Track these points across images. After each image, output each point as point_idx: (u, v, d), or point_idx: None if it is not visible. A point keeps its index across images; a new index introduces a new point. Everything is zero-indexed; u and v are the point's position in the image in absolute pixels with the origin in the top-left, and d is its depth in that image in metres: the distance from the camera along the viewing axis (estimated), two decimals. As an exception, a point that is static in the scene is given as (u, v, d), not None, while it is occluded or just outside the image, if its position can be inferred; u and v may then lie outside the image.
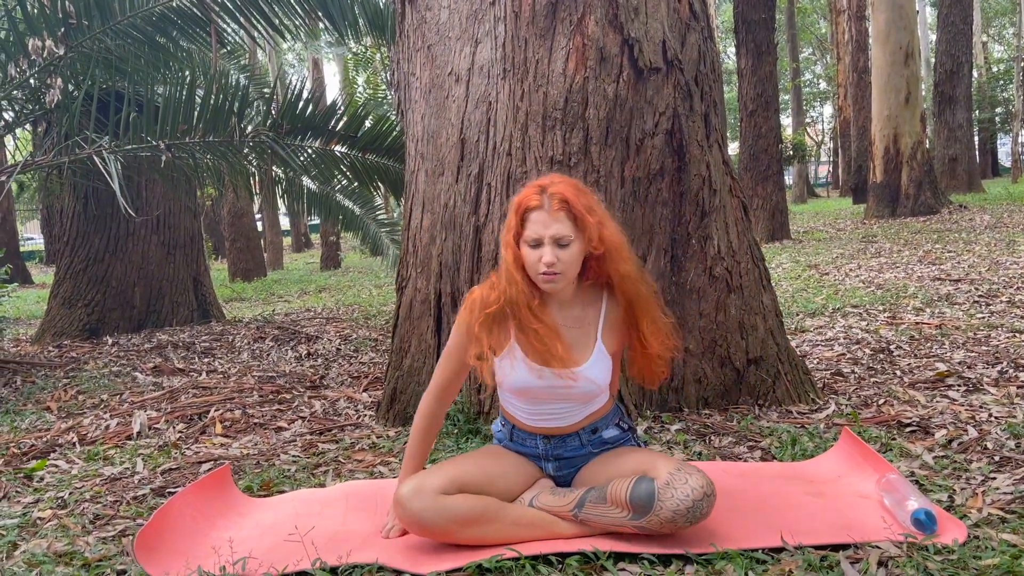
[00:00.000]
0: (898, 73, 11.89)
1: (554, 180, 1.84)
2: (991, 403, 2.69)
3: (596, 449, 1.96)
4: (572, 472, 1.97)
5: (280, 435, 3.03)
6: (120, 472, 2.66)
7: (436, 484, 1.77)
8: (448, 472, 1.82)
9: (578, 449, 1.95)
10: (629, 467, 1.82)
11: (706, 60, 2.89)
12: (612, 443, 1.96)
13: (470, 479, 1.82)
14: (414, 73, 3.05)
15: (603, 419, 1.96)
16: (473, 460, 1.94)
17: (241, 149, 4.78)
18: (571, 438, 1.95)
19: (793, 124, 27.35)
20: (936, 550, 1.63)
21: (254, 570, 1.74)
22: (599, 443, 1.96)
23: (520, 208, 1.82)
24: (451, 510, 1.74)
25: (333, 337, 5.44)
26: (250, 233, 13.55)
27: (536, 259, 1.80)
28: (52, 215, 6.49)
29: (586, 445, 1.95)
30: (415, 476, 1.83)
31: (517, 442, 2.00)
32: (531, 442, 1.97)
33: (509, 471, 1.93)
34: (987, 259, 6.48)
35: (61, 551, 1.96)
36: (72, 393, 4.01)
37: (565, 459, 1.96)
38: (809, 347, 3.88)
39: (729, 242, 2.88)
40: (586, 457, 1.96)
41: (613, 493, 1.75)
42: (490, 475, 1.88)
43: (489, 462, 1.93)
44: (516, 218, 1.83)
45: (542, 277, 1.81)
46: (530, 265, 1.82)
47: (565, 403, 1.90)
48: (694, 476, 1.69)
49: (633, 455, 1.88)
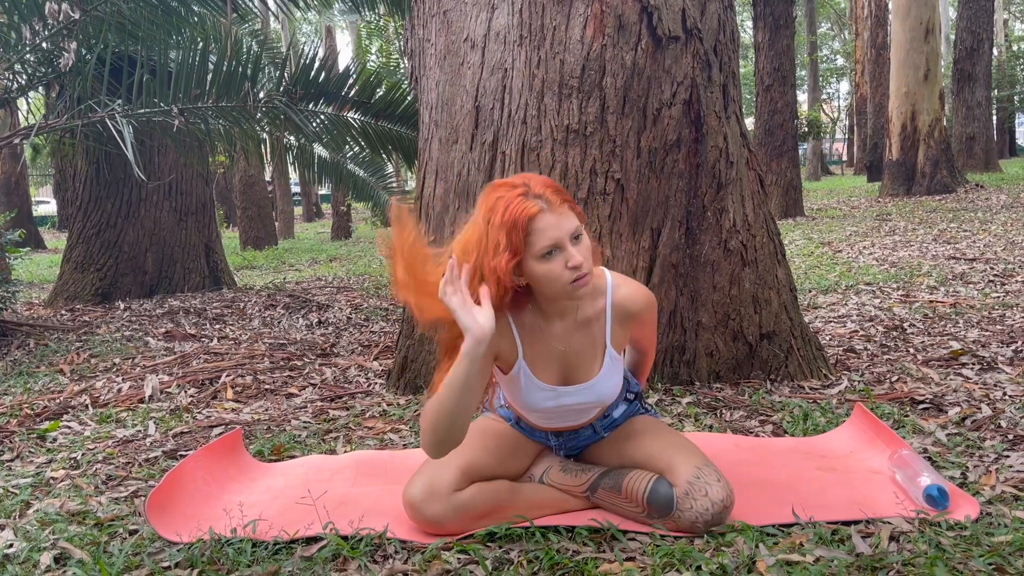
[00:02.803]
0: (917, 49, 11.72)
1: (527, 180, 1.58)
2: (1005, 382, 2.67)
3: (606, 431, 1.90)
4: (581, 449, 1.93)
5: (291, 401, 3.04)
6: (132, 434, 2.68)
7: (448, 482, 1.69)
8: (457, 464, 1.71)
9: (591, 438, 1.90)
10: (642, 454, 1.76)
11: (726, 30, 2.84)
12: (621, 420, 1.90)
13: (481, 466, 1.76)
14: (429, 39, 3.01)
15: (613, 403, 1.90)
16: (480, 443, 1.81)
17: (254, 114, 4.75)
18: (584, 431, 1.89)
19: (809, 100, 27.05)
20: (948, 526, 1.62)
21: (265, 532, 1.75)
22: (610, 424, 1.89)
23: (519, 223, 1.52)
24: (467, 507, 1.68)
25: (344, 306, 5.45)
26: (261, 202, 13.54)
27: (560, 268, 1.56)
28: (65, 179, 6.48)
29: (599, 432, 1.89)
30: (424, 474, 1.72)
31: (525, 430, 1.92)
32: (541, 435, 1.92)
33: (517, 449, 1.88)
34: (1003, 239, 6.42)
35: (74, 510, 1.98)
36: (85, 356, 4.03)
37: (577, 448, 1.93)
38: (822, 323, 3.85)
39: (745, 215, 2.85)
40: (596, 439, 1.92)
41: (629, 489, 1.70)
42: (500, 456, 1.81)
43: (497, 443, 1.84)
44: (517, 237, 1.53)
45: (574, 285, 1.57)
46: (552, 279, 1.57)
47: (579, 411, 1.83)
48: (714, 488, 1.63)
49: (646, 440, 1.80)
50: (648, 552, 1.58)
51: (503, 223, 1.53)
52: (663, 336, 2.76)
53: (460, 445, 1.67)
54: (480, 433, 1.84)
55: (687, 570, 1.49)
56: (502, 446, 1.85)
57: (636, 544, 1.63)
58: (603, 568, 1.52)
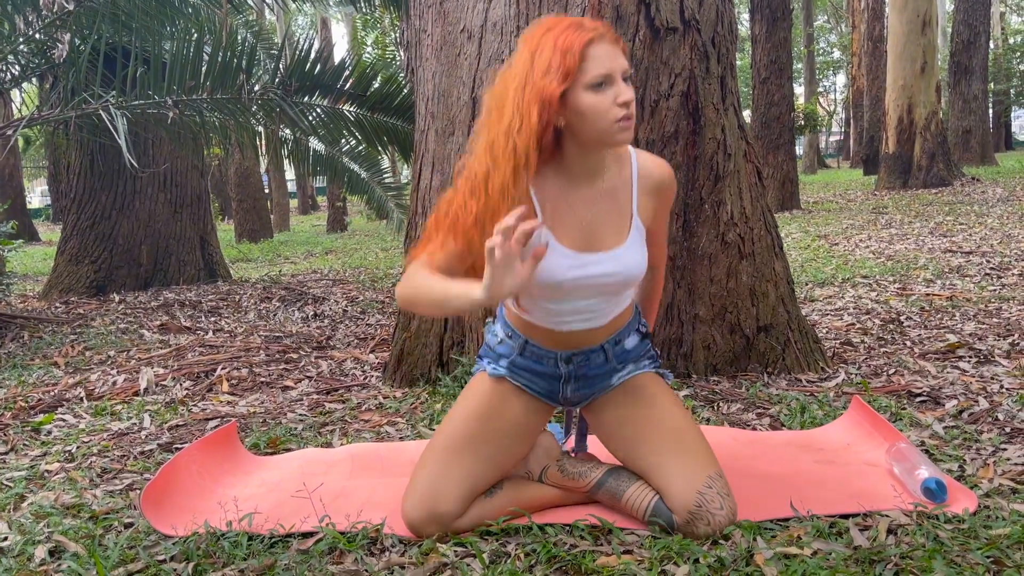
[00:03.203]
0: (914, 42, 11.72)
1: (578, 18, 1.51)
2: (1002, 375, 2.67)
3: (619, 364, 1.75)
4: (590, 395, 1.78)
5: (287, 394, 3.03)
6: (127, 427, 2.66)
7: (449, 511, 1.62)
8: (458, 494, 1.63)
9: (602, 366, 1.74)
10: (644, 459, 1.66)
11: (724, 21, 2.83)
12: (634, 354, 1.77)
13: (483, 482, 1.68)
14: (425, 30, 2.99)
15: (626, 326, 1.76)
16: (476, 456, 1.68)
17: (249, 107, 4.73)
18: (595, 354, 1.73)
19: (805, 93, 27.04)
20: (946, 519, 1.62)
21: (260, 525, 1.74)
22: (622, 355, 1.75)
23: (575, 46, 1.43)
24: (469, 527, 1.65)
25: (340, 299, 5.44)
26: (257, 194, 13.51)
27: (609, 103, 1.47)
28: (59, 171, 6.46)
29: (611, 360, 1.74)
30: (423, 495, 1.63)
31: (529, 359, 1.74)
32: (549, 361, 1.73)
33: (515, 445, 1.74)
34: (999, 232, 6.42)
35: (69, 503, 1.97)
36: (79, 349, 4.02)
37: (587, 378, 1.76)
38: (819, 316, 3.85)
39: (742, 207, 2.84)
40: (607, 375, 1.76)
41: (629, 504, 1.66)
42: (498, 462, 1.71)
43: (494, 449, 1.70)
44: (571, 60, 1.43)
45: (621, 124, 1.49)
46: (600, 113, 1.47)
47: (598, 298, 1.65)
48: (717, 516, 1.56)
49: (651, 438, 1.68)
50: (646, 545, 1.58)
51: (556, 47, 1.44)
52: (660, 329, 2.75)
53: (455, 457, 1.66)
54: (473, 446, 1.69)
55: (685, 563, 1.48)
56: (501, 448, 1.72)
57: (634, 538, 1.62)
58: (600, 561, 1.51)
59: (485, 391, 1.77)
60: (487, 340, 1.84)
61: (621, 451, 1.75)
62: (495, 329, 1.82)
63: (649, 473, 1.67)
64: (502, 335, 1.79)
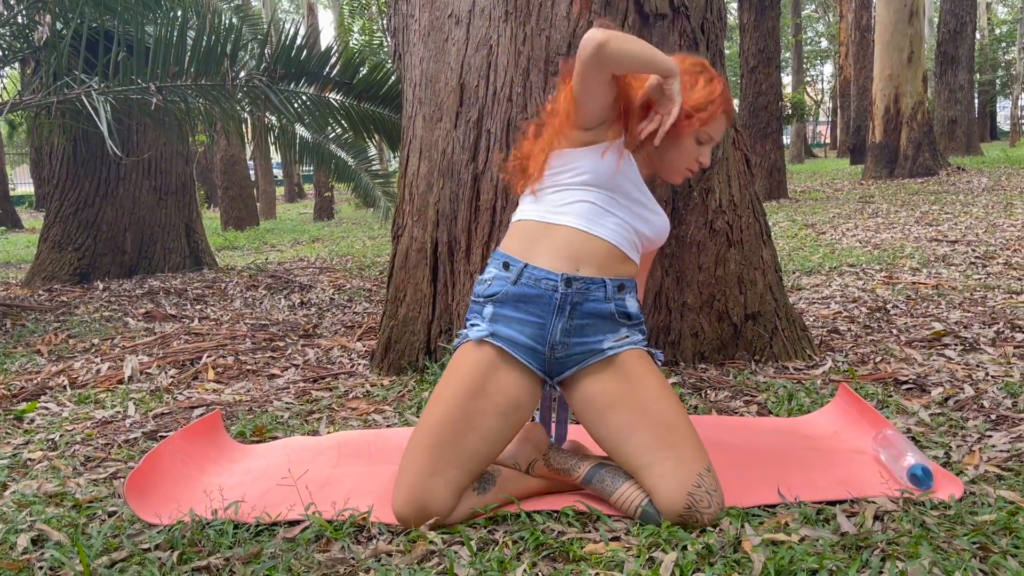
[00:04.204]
0: (901, 32, 11.75)
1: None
2: (988, 362, 2.68)
3: (619, 313, 1.74)
4: (578, 355, 1.73)
5: (273, 382, 3.01)
6: (111, 415, 2.64)
7: (440, 510, 1.62)
8: (448, 485, 1.63)
9: (600, 303, 1.73)
10: (629, 455, 1.64)
11: (713, 8, 2.82)
12: (632, 321, 1.76)
13: (471, 472, 1.66)
14: (412, 15, 2.96)
15: (630, 281, 1.79)
16: (462, 443, 1.65)
17: (234, 94, 4.68)
18: (596, 286, 1.73)
19: (793, 82, 27.08)
20: (932, 505, 1.62)
21: (247, 514, 1.73)
22: (622, 309, 1.75)
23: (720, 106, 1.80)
24: (459, 520, 1.65)
25: (327, 287, 5.41)
26: (243, 182, 13.41)
27: (694, 156, 1.82)
28: (41, 158, 6.38)
29: (610, 300, 1.74)
30: (413, 490, 1.61)
31: (525, 285, 1.73)
32: (548, 283, 1.72)
33: (503, 427, 1.69)
34: (984, 221, 6.46)
35: (52, 492, 1.95)
36: (63, 337, 3.98)
37: (580, 315, 1.72)
38: (806, 305, 3.86)
39: (731, 195, 2.84)
40: (601, 329, 1.74)
41: (619, 504, 1.65)
42: (487, 450, 1.67)
43: (481, 436, 1.66)
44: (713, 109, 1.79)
45: (684, 173, 1.85)
46: (685, 157, 1.82)
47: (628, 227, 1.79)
48: (706, 515, 1.57)
49: (637, 428, 1.65)
50: (634, 532, 1.58)
51: (712, 92, 1.79)
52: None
53: (442, 452, 1.63)
54: (460, 436, 1.65)
55: (672, 550, 1.48)
56: (487, 430, 1.67)
57: (622, 525, 1.62)
58: (588, 548, 1.51)
59: (469, 365, 1.71)
60: (475, 293, 1.81)
61: (608, 443, 1.69)
62: (483, 277, 1.81)
63: (638, 474, 1.64)
64: (495, 271, 1.78)
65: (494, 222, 2.71)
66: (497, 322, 1.74)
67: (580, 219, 1.76)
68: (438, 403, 1.70)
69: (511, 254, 1.78)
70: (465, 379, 1.70)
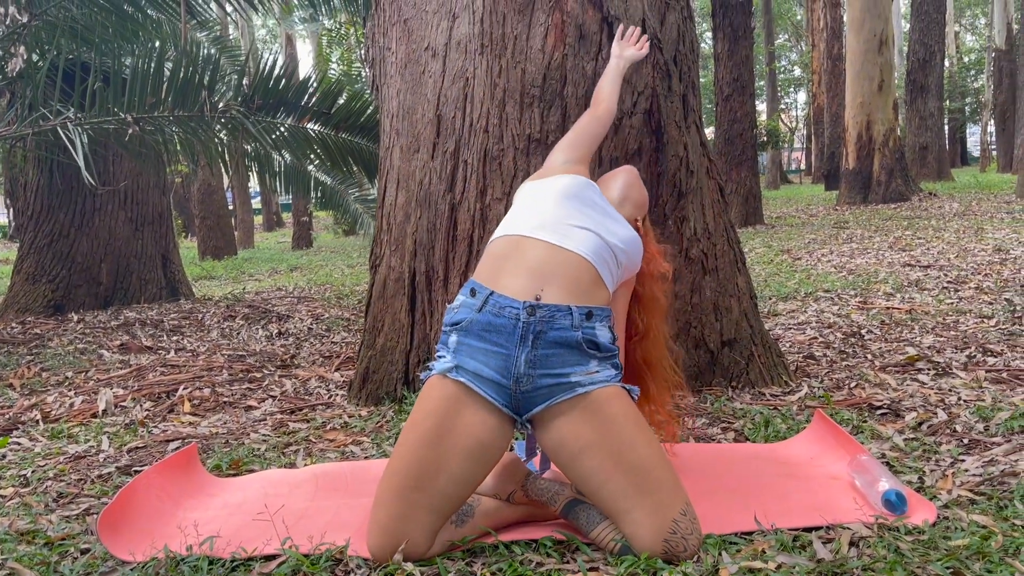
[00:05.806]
0: (872, 61, 11.99)
1: None
2: (960, 387, 2.72)
3: (586, 343, 1.67)
4: (545, 388, 1.66)
5: (250, 414, 2.99)
6: (85, 450, 2.61)
7: (417, 552, 1.61)
8: (422, 527, 1.60)
9: (566, 331, 1.66)
10: (604, 501, 1.62)
11: (685, 40, 2.87)
12: (602, 353, 1.70)
13: (444, 512, 1.63)
14: (389, 48, 2.99)
15: (600, 310, 1.71)
16: (433, 486, 1.61)
17: (212, 124, 4.68)
18: (562, 314, 1.66)
19: (767, 110, 27.49)
20: (907, 530, 1.64)
21: (222, 549, 1.71)
22: (590, 338, 1.68)
23: None
24: (437, 554, 1.64)
25: (304, 316, 5.39)
26: (220, 211, 13.36)
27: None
28: (16, 189, 6.32)
29: (577, 328, 1.66)
30: (388, 532, 1.59)
31: (490, 313, 1.67)
32: (511, 312, 1.65)
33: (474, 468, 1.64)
34: (956, 246, 6.56)
35: (23, 529, 1.92)
36: (36, 370, 3.93)
37: (545, 345, 1.65)
38: (782, 331, 3.90)
39: (705, 224, 2.87)
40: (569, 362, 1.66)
41: (597, 540, 1.63)
42: (459, 492, 1.63)
43: (450, 478, 1.61)
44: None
45: None
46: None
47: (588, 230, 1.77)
48: (683, 555, 1.56)
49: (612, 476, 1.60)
50: (611, 562, 1.57)
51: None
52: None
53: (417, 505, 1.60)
54: (429, 479, 1.61)
55: (650, 580, 1.48)
56: (457, 472, 1.62)
57: (600, 555, 1.62)
58: (567, 579, 1.51)
59: (434, 404, 1.66)
60: (444, 321, 1.77)
61: (583, 487, 1.65)
62: (452, 305, 1.76)
63: (615, 518, 1.62)
64: (463, 299, 1.74)
65: (471, 252, 2.72)
66: (461, 353, 1.68)
67: (548, 232, 1.76)
68: (405, 443, 1.65)
69: (479, 280, 1.74)
70: (431, 419, 1.65)
